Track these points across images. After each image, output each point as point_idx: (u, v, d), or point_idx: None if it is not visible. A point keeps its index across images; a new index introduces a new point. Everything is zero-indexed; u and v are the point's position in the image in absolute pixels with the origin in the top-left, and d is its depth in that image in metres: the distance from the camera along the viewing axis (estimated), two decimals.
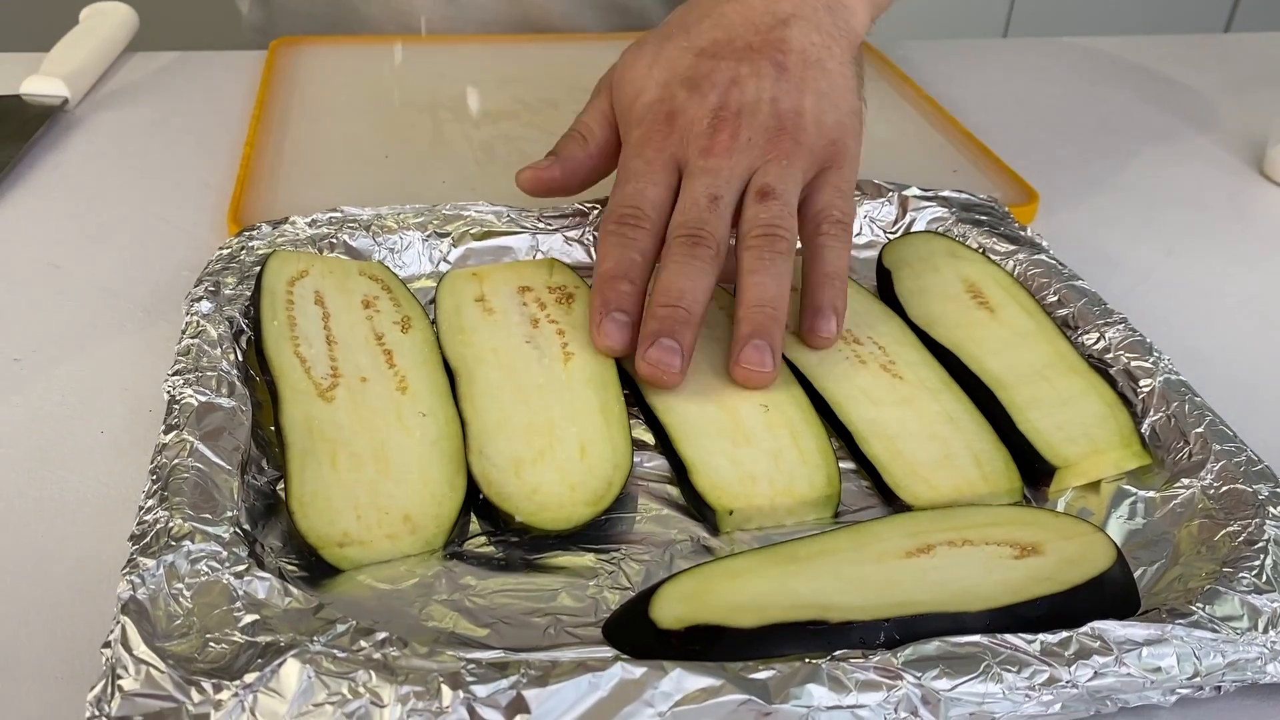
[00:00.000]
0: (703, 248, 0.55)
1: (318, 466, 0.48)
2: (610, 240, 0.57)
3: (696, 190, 0.57)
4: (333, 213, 0.65)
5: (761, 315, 0.53)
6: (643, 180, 0.58)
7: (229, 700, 0.36)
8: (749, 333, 0.53)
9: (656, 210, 0.57)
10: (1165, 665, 0.40)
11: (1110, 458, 0.52)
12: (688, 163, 0.58)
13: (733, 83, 0.59)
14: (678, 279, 0.54)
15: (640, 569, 0.46)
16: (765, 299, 0.53)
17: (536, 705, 0.36)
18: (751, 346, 0.52)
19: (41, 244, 0.68)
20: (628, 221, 0.57)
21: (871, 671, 0.38)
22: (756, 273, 0.54)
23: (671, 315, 0.53)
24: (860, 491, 0.52)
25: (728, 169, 0.57)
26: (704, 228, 0.55)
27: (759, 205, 0.56)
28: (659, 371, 0.52)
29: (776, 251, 0.55)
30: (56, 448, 0.53)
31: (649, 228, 0.57)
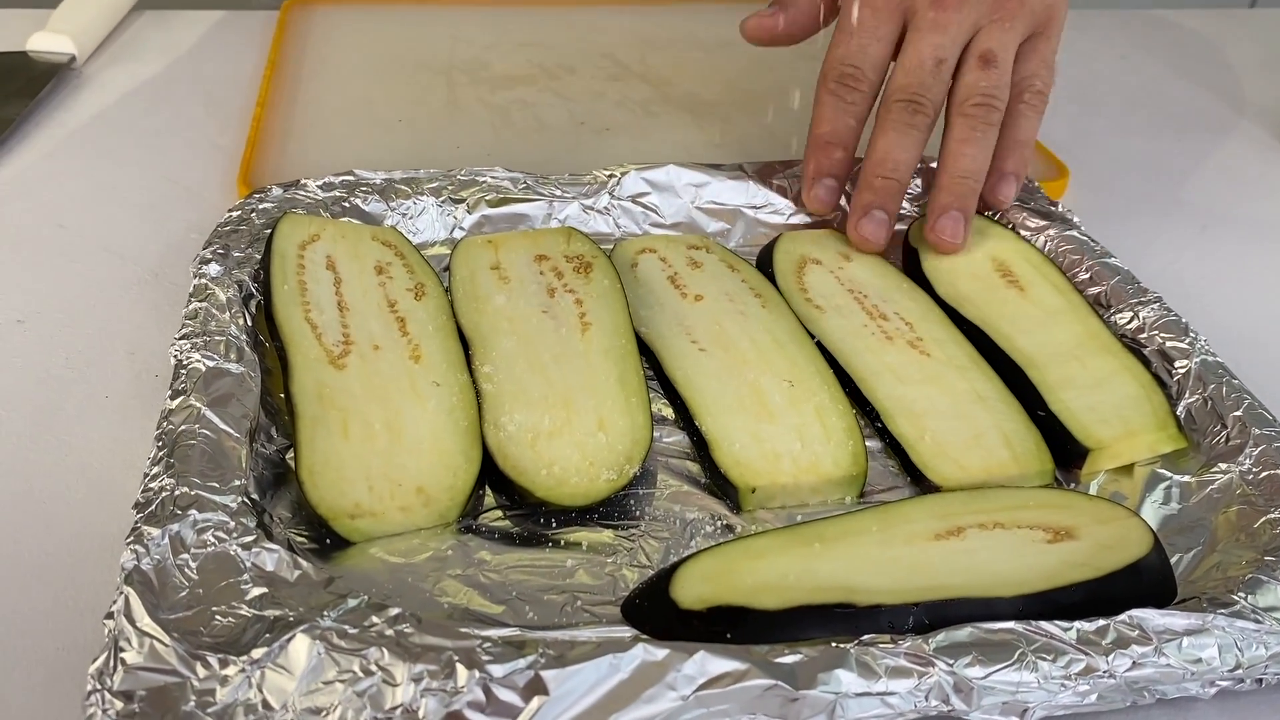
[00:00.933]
0: (921, 115, 0.56)
1: (328, 435, 0.47)
2: (828, 101, 0.59)
3: (923, 49, 0.57)
4: (345, 176, 0.64)
5: (964, 186, 0.55)
6: (867, 35, 0.58)
7: (235, 676, 0.35)
8: (949, 202, 0.55)
9: (876, 70, 0.58)
10: (1206, 656, 0.39)
11: (1145, 440, 0.50)
12: (916, 13, 0.58)
13: None
14: (894, 149, 0.56)
15: (659, 547, 0.45)
16: (970, 170, 0.55)
17: (555, 686, 0.35)
18: (949, 216, 0.55)
19: (47, 204, 0.67)
20: (847, 82, 0.58)
21: (902, 658, 0.37)
22: (967, 143, 0.56)
23: (885, 187, 0.56)
24: (886, 471, 0.50)
25: (955, 24, 0.57)
26: (925, 94, 0.57)
27: (980, 71, 0.57)
28: (869, 243, 0.57)
29: (989, 123, 0.56)
30: (60, 411, 0.51)
31: (867, 90, 0.58)
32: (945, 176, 0.56)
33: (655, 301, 0.58)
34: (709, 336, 0.55)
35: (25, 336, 0.56)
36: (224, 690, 0.34)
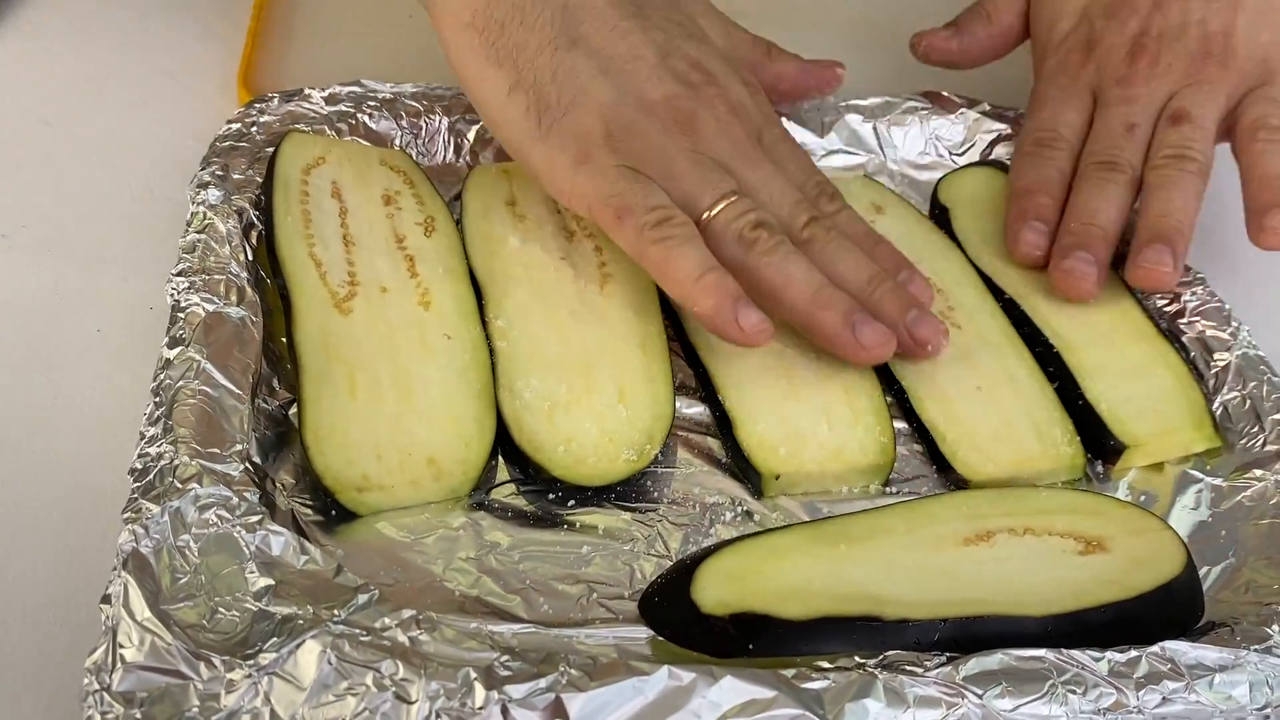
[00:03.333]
0: (1117, 173, 0.54)
1: (334, 394, 0.44)
2: (1027, 160, 0.56)
3: (1112, 119, 0.56)
4: (351, 86, 0.60)
5: (1162, 222, 0.52)
6: (1058, 105, 0.57)
7: (242, 681, 0.33)
8: (1149, 237, 0.52)
9: (1072, 132, 0.57)
10: (1237, 694, 0.38)
11: (1180, 439, 0.48)
12: (1104, 90, 0.57)
13: (1155, 6, 0.57)
14: (1091, 200, 0.53)
15: (678, 534, 0.43)
16: (1168, 209, 0.52)
17: (576, 709, 0.33)
18: (1151, 249, 0.51)
19: (31, 94, 0.62)
20: (1044, 143, 0.56)
21: (932, 686, 0.36)
22: (1161, 188, 0.53)
23: (1086, 231, 0.53)
24: (912, 456, 0.48)
25: (1145, 96, 0.56)
26: (1120, 155, 0.54)
27: (1171, 129, 0.55)
28: (1075, 279, 0.52)
29: (1183, 170, 0.53)
30: (48, 345, 0.48)
31: (1065, 149, 0.56)
32: (1144, 219, 0.53)
33: None
34: None
35: (10, 254, 0.52)
36: (229, 697, 0.33)
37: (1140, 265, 0.51)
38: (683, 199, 0.47)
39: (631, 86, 0.48)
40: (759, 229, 0.47)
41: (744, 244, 0.46)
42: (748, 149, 0.49)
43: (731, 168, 0.49)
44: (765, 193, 0.49)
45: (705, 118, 0.49)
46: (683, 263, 0.45)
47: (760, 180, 0.49)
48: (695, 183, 0.47)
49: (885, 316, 0.47)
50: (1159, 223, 0.52)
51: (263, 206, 0.52)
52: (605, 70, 0.48)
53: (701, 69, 0.50)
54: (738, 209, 0.47)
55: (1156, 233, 0.52)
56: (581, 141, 0.47)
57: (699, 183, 0.47)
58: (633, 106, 0.48)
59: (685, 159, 0.48)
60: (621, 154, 0.47)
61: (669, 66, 0.49)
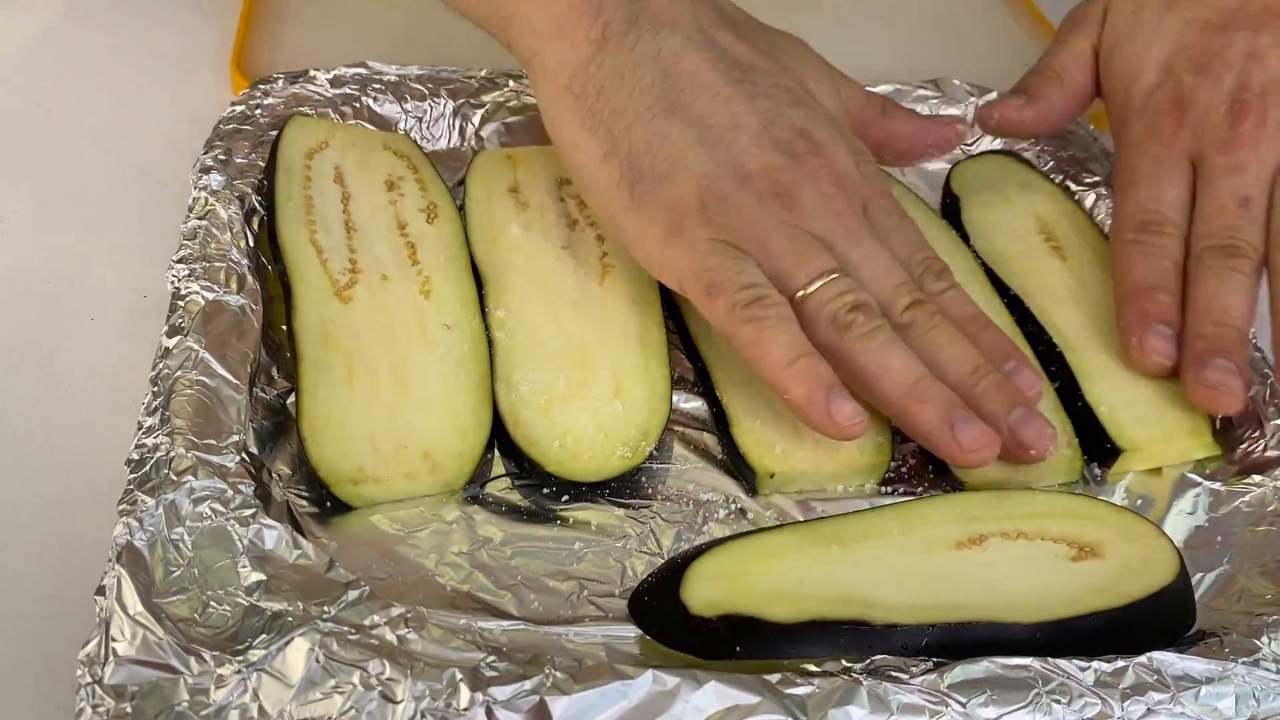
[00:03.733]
0: (1240, 259, 0.49)
1: (332, 384, 0.45)
2: (1133, 250, 0.51)
3: (1222, 193, 0.50)
4: (357, 68, 0.59)
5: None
6: (1156, 182, 0.52)
7: (231, 677, 0.34)
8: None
9: (1177, 212, 0.51)
10: (1222, 706, 0.38)
11: (1178, 446, 0.48)
12: (1205, 159, 0.51)
13: (1250, 58, 0.52)
14: (1220, 294, 0.48)
15: (670, 531, 0.44)
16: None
17: (559, 712, 0.34)
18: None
19: (20, 72, 0.62)
20: (1150, 229, 0.51)
21: (916, 694, 0.36)
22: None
23: (1221, 334, 0.47)
24: (910, 455, 0.48)
25: (1255, 163, 0.50)
26: (1239, 236, 0.49)
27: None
28: (1220, 394, 0.47)
29: None
30: (42, 335, 0.48)
31: (1174, 233, 0.51)
32: (1275, 321, 0.48)
33: None
34: None
35: (2, 241, 0.52)
36: (218, 692, 0.33)
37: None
38: (777, 275, 0.45)
39: (730, 157, 0.46)
40: (855, 311, 0.44)
41: (839, 326, 0.44)
42: (850, 223, 0.47)
43: (831, 243, 0.46)
44: (867, 270, 0.46)
45: (806, 190, 0.46)
46: (774, 347, 0.43)
47: (862, 257, 0.46)
48: (792, 259, 0.45)
49: (987, 412, 0.44)
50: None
51: (264, 191, 0.52)
52: (703, 140, 0.46)
53: (807, 138, 0.47)
54: (835, 289, 0.44)
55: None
56: (674, 212, 0.45)
57: (795, 259, 0.45)
58: (730, 178, 0.46)
59: (782, 233, 0.45)
60: (716, 226, 0.45)
61: (771, 135, 0.47)
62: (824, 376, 0.43)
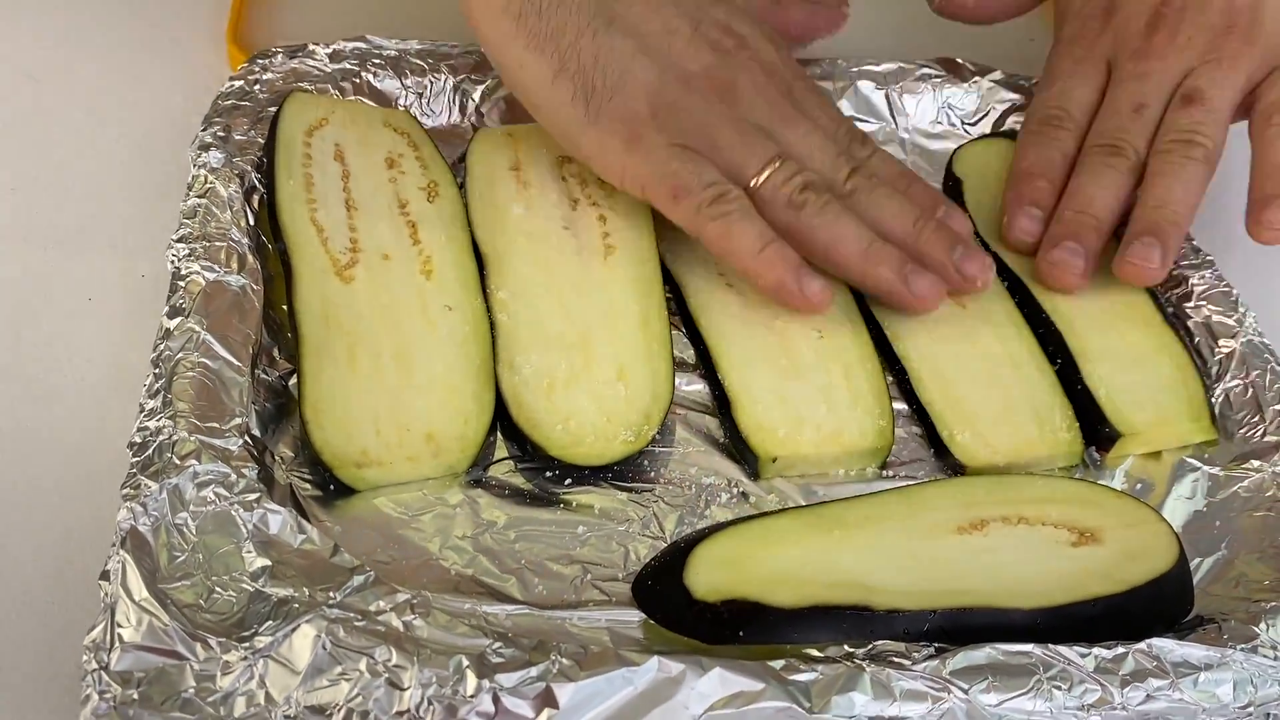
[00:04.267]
0: (1118, 157, 0.52)
1: (334, 365, 0.45)
2: (1031, 139, 0.54)
3: (1120, 97, 0.53)
4: (356, 42, 0.59)
5: (1157, 215, 0.50)
6: (1070, 79, 0.55)
7: (237, 663, 0.34)
8: (1141, 229, 0.50)
9: (1082, 111, 0.54)
10: (1221, 693, 0.38)
11: (1176, 430, 0.48)
12: (1118, 64, 0.54)
13: None
14: (1089, 186, 0.52)
15: (673, 514, 0.44)
16: (1165, 200, 0.50)
17: (566, 699, 0.34)
18: (1141, 243, 0.49)
19: (14, 47, 0.61)
20: (1051, 122, 0.54)
21: (919, 680, 0.36)
22: (1162, 175, 0.51)
23: (1078, 220, 0.51)
24: (911, 439, 0.48)
25: (1158, 72, 0.53)
26: (1123, 137, 0.52)
27: (1181, 111, 0.52)
28: (1060, 271, 0.50)
29: (1187, 157, 0.51)
30: (39, 314, 0.48)
31: (1072, 129, 0.54)
32: (1139, 208, 0.51)
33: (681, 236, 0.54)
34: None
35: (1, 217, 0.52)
36: (225, 678, 0.34)
37: (1127, 260, 0.50)
38: (729, 168, 0.48)
39: (671, 63, 0.49)
40: (806, 190, 0.48)
41: (794, 207, 0.48)
42: (784, 108, 0.50)
43: (771, 130, 0.49)
44: (804, 149, 0.50)
45: (743, 83, 0.49)
46: (743, 239, 0.46)
47: (798, 138, 0.50)
48: (741, 151, 0.48)
49: (932, 259, 0.49)
50: (1154, 214, 0.50)
51: (264, 169, 0.51)
52: (644, 49, 0.48)
53: (732, 33, 0.50)
54: (784, 173, 0.48)
55: (1149, 224, 0.50)
56: (630, 123, 0.48)
57: (744, 151, 0.48)
58: (675, 83, 0.48)
59: (729, 128, 0.48)
60: (670, 131, 0.48)
61: (703, 36, 0.49)
62: (790, 259, 0.47)
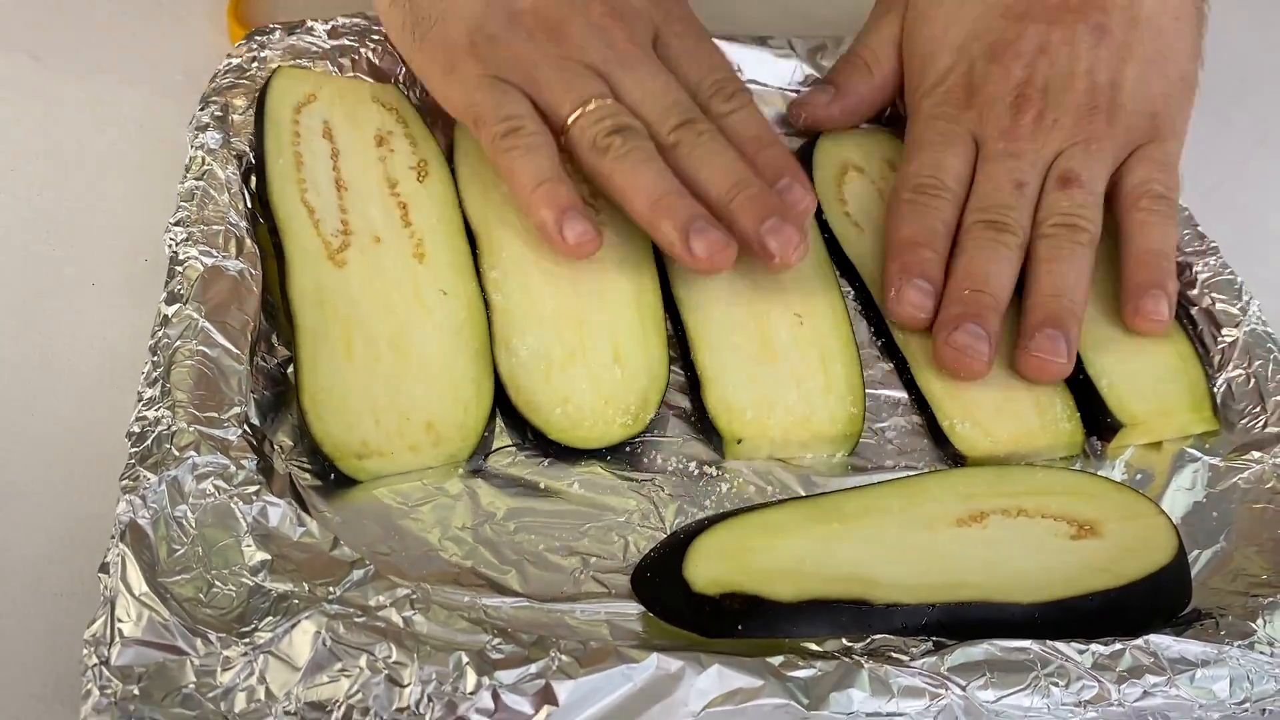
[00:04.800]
0: (1007, 234, 0.49)
1: (331, 355, 0.44)
2: (907, 208, 0.51)
3: (998, 173, 0.51)
4: (355, 18, 0.58)
5: (1057, 304, 0.48)
6: (939, 150, 0.52)
7: (238, 659, 0.34)
8: (1041, 319, 0.47)
9: (956, 181, 0.52)
10: (1217, 689, 0.38)
11: (1177, 420, 0.48)
12: (986, 142, 0.52)
13: (1040, 51, 0.53)
14: (982, 263, 0.49)
15: (673, 505, 0.44)
16: (1060, 288, 0.48)
17: (565, 695, 0.34)
18: (1044, 335, 0.47)
19: (15, 25, 0.60)
20: (926, 191, 0.51)
21: (917, 677, 0.36)
22: (1053, 261, 0.49)
23: (977, 300, 0.48)
24: (911, 428, 0.48)
25: (1031, 153, 0.51)
26: (1009, 214, 0.50)
27: (1060, 193, 0.50)
28: (965, 358, 0.47)
29: (1076, 242, 0.49)
30: (44, 301, 0.48)
31: (949, 198, 0.51)
32: (1034, 298, 0.48)
33: None
34: None
35: (1, 198, 0.51)
36: (225, 674, 0.34)
37: (1034, 354, 0.47)
38: (547, 107, 0.48)
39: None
40: (614, 134, 0.47)
41: (598, 150, 0.47)
42: (626, 50, 0.49)
43: (605, 72, 0.48)
44: (639, 94, 0.48)
45: (575, 22, 0.49)
46: (521, 174, 0.46)
47: (635, 82, 0.48)
48: (559, 90, 0.48)
49: (740, 225, 0.46)
50: (1053, 304, 0.48)
51: (254, 148, 0.50)
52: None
53: None
54: (597, 114, 0.47)
55: (1050, 315, 0.47)
56: (449, 52, 0.49)
57: (562, 89, 0.48)
58: (499, 16, 0.48)
59: (550, 66, 0.48)
60: (487, 63, 0.48)
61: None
62: (559, 199, 0.46)
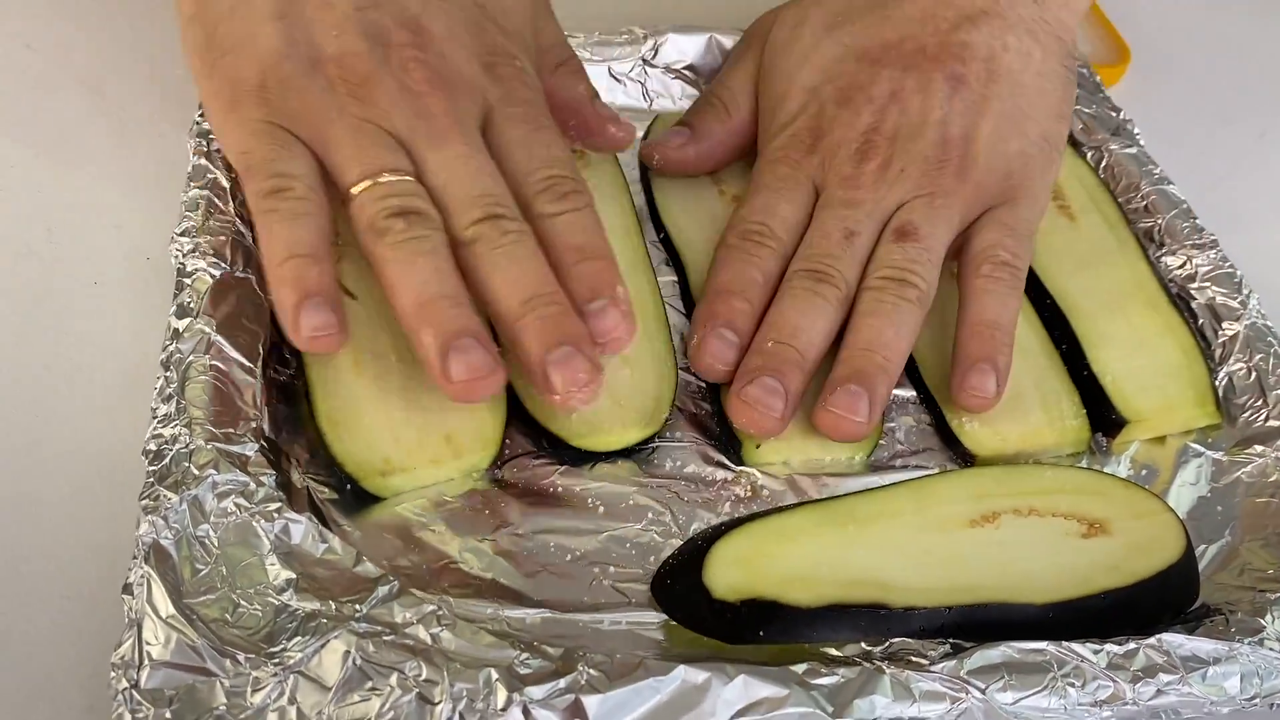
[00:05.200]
0: (827, 285, 0.46)
1: (339, 372, 0.44)
2: (729, 254, 0.48)
3: (829, 223, 0.48)
4: None
5: (866, 360, 0.45)
6: (775, 195, 0.49)
7: (268, 680, 0.34)
8: (846, 375, 0.44)
9: (786, 229, 0.49)
10: (1228, 686, 0.39)
11: (1181, 416, 0.49)
12: (826, 188, 0.49)
13: (892, 98, 0.50)
14: (792, 314, 0.46)
15: (688, 510, 0.44)
16: (875, 343, 0.45)
17: (594, 710, 0.34)
18: (845, 391, 0.44)
19: (11, 17, 0.59)
20: (751, 238, 0.48)
21: (938, 682, 0.37)
22: (873, 316, 0.46)
23: (779, 353, 0.45)
24: (919, 426, 0.49)
25: (870, 203, 0.48)
26: (832, 265, 0.47)
27: (894, 245, 0.47)
28: (755, 413, 0.44)
29: (901, 297, 0.46)
30: (46, 301, 0.47)
31: (775, 247, 0.48)
32: (845, 350, 0.45)
33: (691, 197, 0.54)
34: None
35: (2, 196, 0.51)
36: (256, 695, 0.34)
37: (827, 409, 0.44)
38: (334, 168, 0.42)
39: (307, 37, 0.43)
40: (396, 216, 0.40)
41: (375, 232, 0.40)
42: (439, 125, 0.43)
43: (409, 144, 0.42)
44: (444, 177, 0.42)
45: (386, 82, 0.42)
46: (272, 243, 0.40)
47: (441, 162, 0.42)
48: (349, 153, 0.42)
49: (524, 348, 0.41)
50: (861, 358, 0.45)
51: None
52: (283, 14, 0.43)
53: (414, 28, 0.44)
54: (383, 190, 0.41)
55: (855, 370, 0.44)
56: (235, 87, 0.43)
57: (353, 154, 0.42)
58: (300, 59, 0.42)
59: (344, 126, 0.42)
60: (273, 109, 0.42)
61: (364, 19, 0.43)
62: (309, 281, 0.40)
